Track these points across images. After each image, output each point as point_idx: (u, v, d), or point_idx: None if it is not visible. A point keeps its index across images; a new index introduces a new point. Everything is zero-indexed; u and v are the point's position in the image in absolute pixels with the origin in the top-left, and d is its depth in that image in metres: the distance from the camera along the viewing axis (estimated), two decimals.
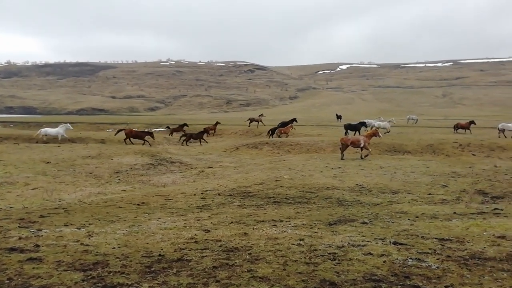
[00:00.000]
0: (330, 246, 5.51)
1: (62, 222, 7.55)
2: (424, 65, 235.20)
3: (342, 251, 5.27)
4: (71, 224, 7.37)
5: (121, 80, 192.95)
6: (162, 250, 5.48)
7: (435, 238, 5.82)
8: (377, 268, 4.57)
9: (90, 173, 16.87)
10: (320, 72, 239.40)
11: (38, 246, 5.63)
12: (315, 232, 6.41)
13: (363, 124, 29.98)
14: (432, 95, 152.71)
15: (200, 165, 20.09)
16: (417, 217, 7.63)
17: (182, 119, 65.46)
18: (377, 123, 34.77)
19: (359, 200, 9.89)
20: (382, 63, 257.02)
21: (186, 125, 39.77)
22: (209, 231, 6.62)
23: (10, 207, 10.33)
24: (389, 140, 27.00)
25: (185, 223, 7.29)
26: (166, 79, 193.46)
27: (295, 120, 38.12)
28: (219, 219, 7.69)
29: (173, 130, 38.55)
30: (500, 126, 30.74)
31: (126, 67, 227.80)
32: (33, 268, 4.69)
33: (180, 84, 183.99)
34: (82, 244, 5.79)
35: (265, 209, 8.91)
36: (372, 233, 6.26)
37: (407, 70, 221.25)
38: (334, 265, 4.71)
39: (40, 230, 6.68)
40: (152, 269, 4.72)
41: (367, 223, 7.06)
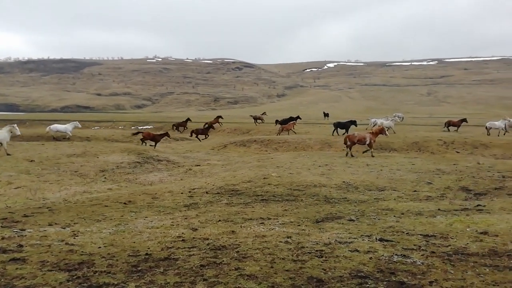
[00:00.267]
0: (317, 244, 5.55)
1: (47, 221, 7.42)
2: (410, 63, 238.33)
3: (329, 248, 5.31)
4: (56, 223, 7.25)
5: (106, 77, 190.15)
6: (149, 249, 5.44)
7: (420, 235, 5.92)
8: (363, 265, 4.62)
9: (75, 171, 16.61)
10: (308, 70, 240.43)
11: (21, 246, 5.53)
12: (303, 230, 6.45)
13: (353, 122, 30.14)
14: (418, 93, 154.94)
15: (188, 163, 19.98)
16: (402, 214, 7.75)
17: (169, 116, 64.98)
18: (379, 121, 34.64)
19: (346, 198, 9.98)
20: (369, 62, 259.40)
21: (189, 120, 41.42)
22: (196, 229, 6.60)
23: None
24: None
25: (172, 222, 7.25)
26: (152, 76, 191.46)
27: (298, 117, 39.16)
28: (207, 217, 7.67)
29: (178, 125, 40.02)
30: (488, 124, 31.64)
31: (111, 64, 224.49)
32: (16, 268, 4.60)
33: (167, 82, 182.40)
34: (67, 243, 5.71)
35: (253, 207, 8.92)
36: (359, 230, 6.33)
37: (393, 68, 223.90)
38: (321, 262, 4.75)
39: (24, 230, 6.56)
40: (139, 268, 4.68)
41: (353, 220, 7.13)
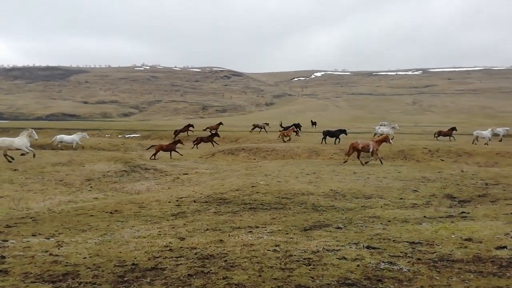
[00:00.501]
0: (305, 252, 5.56)
1: (30, 232, 7.27)
2: (395, 73, 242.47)
3: (317, 256, 5.33)
4: (40, 234, 7.10)
5: (93, 85, 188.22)
6: (135, 259, 5.37)
7: (406, 242, 5.99)
8: (350, 272, 4.65)
9: (60, 180, 16.33)
10: (296, 79, 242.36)
11: (3, 257, 5.40)
12: (291, 238, 6.46)
13: (343, 131, 30.47)
14: (403, 103, 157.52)
15: (175, 171, 19.84)
16: (389, 221, 7.83)
17: (157, 124, 64.60)
18: (380, 130, 35.02)
19: (333, 205, 10.04)
20: (356, 71, 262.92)
21: (191, 125, 42.11)
22: (184, 238, 6.55)
23: None
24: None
25: (159, 231, 7.18)
26: (140, 84, 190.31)
27: (299, 124, 39.37)
28: (195, 226, 7.62)
29: (179, 131, 40.45)
30: (475, 133, 32.41)
31: (99, 72, 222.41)
32: None
33: (155, 90, 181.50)
34: (51, 254, 5.60)
35: (241, 215, 8.90)
36: (346, 237, 6.37)
37: (379, 78, 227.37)
38: (309, 270, 4.76)
39: (6, 241, 6.41)
40: (125, 278, 4.61)
41: (341, 228, 7.18)
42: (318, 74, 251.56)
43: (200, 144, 32.34)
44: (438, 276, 4.48)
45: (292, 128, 35.41)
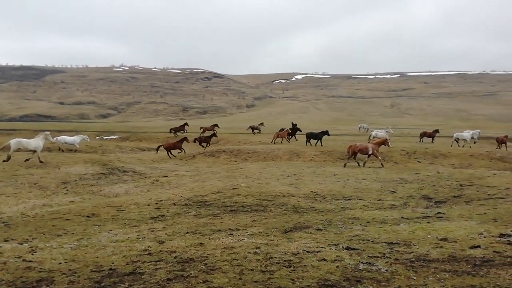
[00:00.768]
0: (285, 254, 5.57)
1: (2, 237, 7.01)
2: (374, 76, 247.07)
3: (297, 258, 5.35)
4: (12, 239, 6.86)
5: (70, 85, 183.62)
6: (113, 263, 5.26)
7: (385, 242, 6.09)
8: (330, 274, 4.69)
9: (35, 183, 15.83)
10: (276, 81, 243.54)
11: None
12: (271, 240, 6.47)
13: (325, 133, 30.86)
14: (382, 105, 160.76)
15: (155, 174, 19.57)
16: (368, 222, 7.95)
17: (136, 126, 63.63)
18: (374, 133, 35.64)
19: (314, 207, 10.12)
20: (335, 74, 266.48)
21: (187, 124, 43.79)
22: (163, 242, 6.46)
23: None
24: (342, 148, 27.97)
25: (138, 235, 7.05)
26: (119, 85, 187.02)
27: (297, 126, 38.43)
28: (174, 229, 7.53)
29: (175, 130, 41.94)
30: (455, 135, 33.30)
31: (75, 72, 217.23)
32: None
33: (134, 91, 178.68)
34: (24, 260, 5.41)
35: (221, 218, 8.85)
36: (326, 239, 6.42)
37: (358, 81, 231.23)
38: (289, 272, 4.77)
39: None
40: (102, 284, 4.51)
41: (321, 230, 7.23)
42: (299, 77, 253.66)
43: (193, 144, 32.63)
44: (415, 276, 4.57)
45: (287, 130, 35.49)
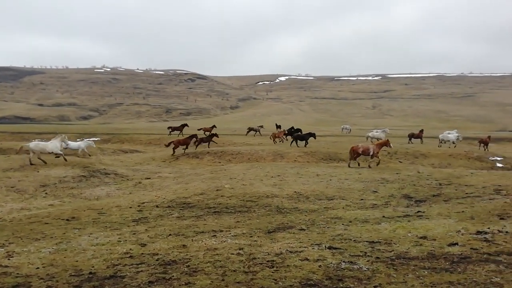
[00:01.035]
0: (268, 254, 5.58)
1: None
2: (356, 78, 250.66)
3: (280, 258, 5.37)
4: None
5: (49, 86, 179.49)
6: (93, 267, 5.16)
7: (366, 241, 6.17)
8: (313, 273, 4.72)
9: (12, 187, 15.39)
10: (260, 83, 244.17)
11: None
12: (255, 241, 6.46)
13: (312, 134, 31.14)
14: (364, 107, 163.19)
15: (137, 176, 19.31)
16: (350, 221, 8.04)
17: (118, 128, 62.71)
18: (371, 133, 36.06)
19: (297, 207, 10.17)
20: (318, 76, 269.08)
21: (186, 125, 44.28)
22: (145, 244, 6.37)
23: None
24: (325, 149, 28.25)
25: (119, 238, 6.94)
26: (100, 87, 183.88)
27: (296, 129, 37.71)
28: (157, 232, 7.44)
29: (174, 129, 42.60)
30: (441, 136, 33.93)
31: (55, 73, 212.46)
32: None
33: (116, 92, 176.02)
34: (0, 265, 5.25)
35: (205, 219, 8.80)
36: (309, 239, 6.46)
37: (341, 82, 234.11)
38: (272, 272, 4.78)
39: None
40: None
41: (304, 230, 7.28)
42: (283, 79, 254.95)
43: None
44: (395, 274, 4.65)
45: (283, 130, 35.87)
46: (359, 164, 19.58)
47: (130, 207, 10.70)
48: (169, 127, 44.31)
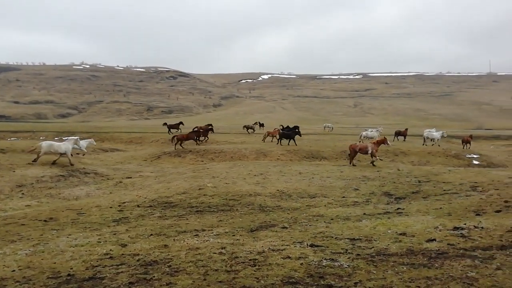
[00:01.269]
0: (251, 253, 5.59)
1: None
2: (338, 77, 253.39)
3: (263, 256, 5.38)
4: None
5: (26, 83, 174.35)
6: (71, 269, 5.05)
7: (347, 238, 6.25)
8: (294, 271, 4.75)
9: None
10: (243, 81, 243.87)
11: None
12: (237, 240, 6.46)
13: (297, 133, 31.36)
14: (345, 105, 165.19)
15: (118, 175, 19.00)
16: (332, 219, 8.13)
17: (98, 126, 61.59)
18: (364, 133, 36.42)
19: (279, 206, 10.22)
20: (301, 74, 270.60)
21: (182, 123, 45.48)
22: (126, 245, 6.28)
23: None
24: (307, 147, 28.46)
25: (99, 238, 6.82)
26: (79, 84, 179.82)
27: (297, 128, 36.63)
28: (138, 232, 7.34)
29: (170, 127, 43.19)
30: (425, 134, 34.35)
31: (32, 70, 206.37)
32: None
33: (96, 90, 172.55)
34: None
35: (187, 219, 8.74)
36: (291, 237, 6.50)
37: (323, 81, 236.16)
38: (254, 271, 4.79)
39: None
40: None
41: (286, 228, 7.32)
42: (265, 77, 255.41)
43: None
44: (375, 270, 4.73)
45: (278, 129, 35.75)
46: (354, 164, 19.74)
47: (111, 207, 10.53)
48: (164, 123, 46.35)
